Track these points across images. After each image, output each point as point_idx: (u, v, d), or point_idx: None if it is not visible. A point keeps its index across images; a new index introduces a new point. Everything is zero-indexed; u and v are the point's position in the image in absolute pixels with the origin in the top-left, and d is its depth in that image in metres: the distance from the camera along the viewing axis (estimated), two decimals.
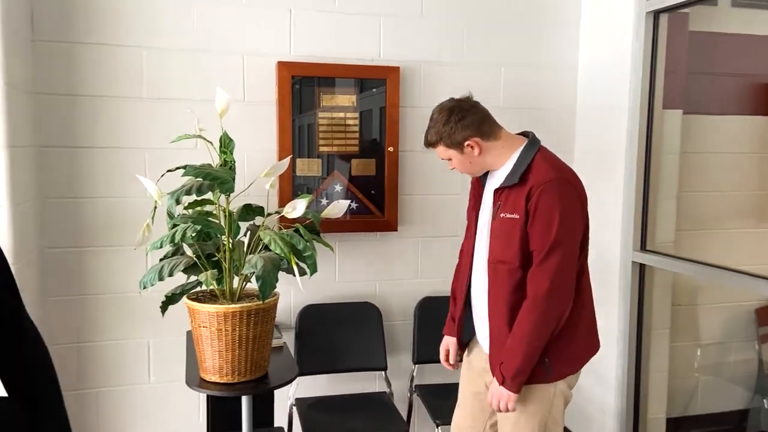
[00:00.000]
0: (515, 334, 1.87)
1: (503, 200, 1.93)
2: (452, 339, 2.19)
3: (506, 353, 1.88)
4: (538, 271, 1.85)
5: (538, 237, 1.85)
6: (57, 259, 2.54)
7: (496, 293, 1.95)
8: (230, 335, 1.99)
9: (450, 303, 2.23)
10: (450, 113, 1.97)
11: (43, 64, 2.45)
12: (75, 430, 2.67)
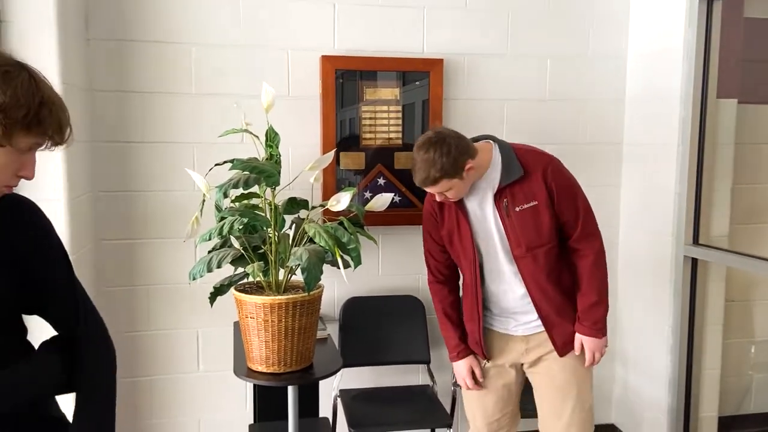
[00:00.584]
0: (593, 290, 2.11)
1: (509, 196, 2.04)
2: (471, 357, 2.21)
3: (591, 309, 2.11)
4: (584, 234, 2.11)
5: (569, 209, 2.08)
6: (110, 251, 2.62)
7: (536, 278, 2.09)
8: (276, 326, 2.02)
9: (449, 329, 2.22)
10: (442, 145, 1.95)
11: (97, 62, 2.53)
12: (129, 416, 2.80)
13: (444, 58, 2.78)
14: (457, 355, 2.22)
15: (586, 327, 2.11)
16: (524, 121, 2.94)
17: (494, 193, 2.04)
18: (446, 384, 2.91)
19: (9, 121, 1.03)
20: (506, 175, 2.03)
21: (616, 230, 3.10)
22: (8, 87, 1.03)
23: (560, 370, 2.14)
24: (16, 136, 1.06)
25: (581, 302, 2.13)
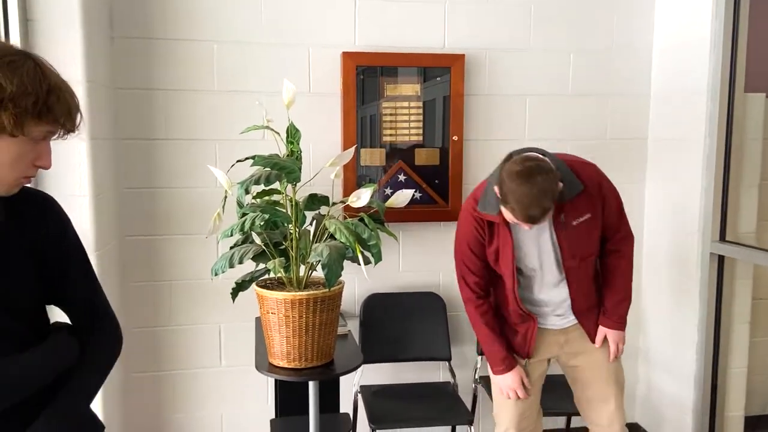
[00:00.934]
0: (623, 287, 2.18)
1: (566, 210, 2.03)
2: (518, 367, 2.18)
3: (619, 305, 2.18)
4: (623, 236, 2.17)
5: (614, 215, 2.13)
6: (134, 247, 2.66)
7: (581, 283, 2.15)
8: (297, 322, 2.03)
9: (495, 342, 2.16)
10: (545, 173, 1.84)
11: (121, 60, 2.56)
12: (153, 410, 2.83)
13: (465, 54, 2.76)
14: (506, 367, 2.16)
15: (612, 321, 2.18)
16: (546, 117, 2.91)
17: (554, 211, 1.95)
18: (467, 381, 2.90)
19: (18, 110, 1.03)
20: (567, 191, 1.96)
21: (640, 227, 3.05)
22: (14, 76, 1.03)
23: (604, 358, 2.21)
24: (27, 125, 1.06)
25: (611, 298, 2.18)
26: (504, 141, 2.88)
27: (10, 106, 1.03)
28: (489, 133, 2.86)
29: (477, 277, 2.17)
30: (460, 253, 2.19)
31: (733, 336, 2.73)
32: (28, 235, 1.22)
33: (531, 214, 1.83)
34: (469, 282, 2.18)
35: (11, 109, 1.03)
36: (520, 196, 1.81)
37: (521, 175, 1.82)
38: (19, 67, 1.05)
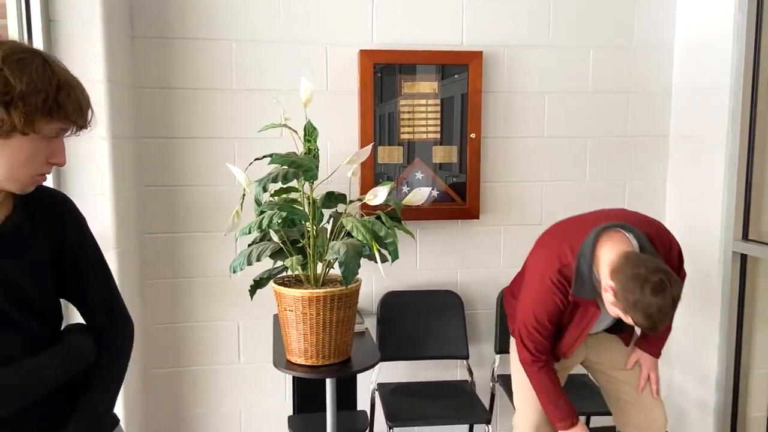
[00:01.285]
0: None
1: None
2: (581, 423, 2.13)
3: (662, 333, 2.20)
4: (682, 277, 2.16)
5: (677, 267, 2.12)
6: (154, 244, 2.69)
7: None
8: (314, 319, 2.04)
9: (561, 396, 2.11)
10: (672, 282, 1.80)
11: (141, 60, 2.59)
12: (173, 406, 2.86)
13: (483, 51, 2.74)
14: (573, 421, 2.09)
15: (651, 345, 2.22)
16: (566, 114, 2.89)
17: None
18: (485, 379, 2.89)
19: (29, 108, 1.04)
20: None
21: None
22: (23, 74, 1.04)
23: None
24: (38, 123, 1.07)
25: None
26: (523, 138, 2.86)
27: (20, 104, 1.03)
28: (508, 131, 2.85)
29: (547, 342, 2.09)
30: (534, 322, 2.06)
31: (756, 336, 2.69)
32: (46, 235, 1.24)
33: (659, 327, 1.82)
34: (537, 347, 2.08)
35: (21, 108, 1.03)
36: (653, 311, 1.76)
37: (655, 290, 1.75)
38: (28, 64, 1.05)
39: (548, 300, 2.01)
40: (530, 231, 2.90)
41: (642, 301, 1.76)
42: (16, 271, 1.17)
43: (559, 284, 1.99)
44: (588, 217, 2.16)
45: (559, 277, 1.98)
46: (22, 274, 1.18)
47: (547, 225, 2.88)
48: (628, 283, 1.78)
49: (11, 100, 1.02)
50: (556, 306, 2.01)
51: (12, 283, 1.16)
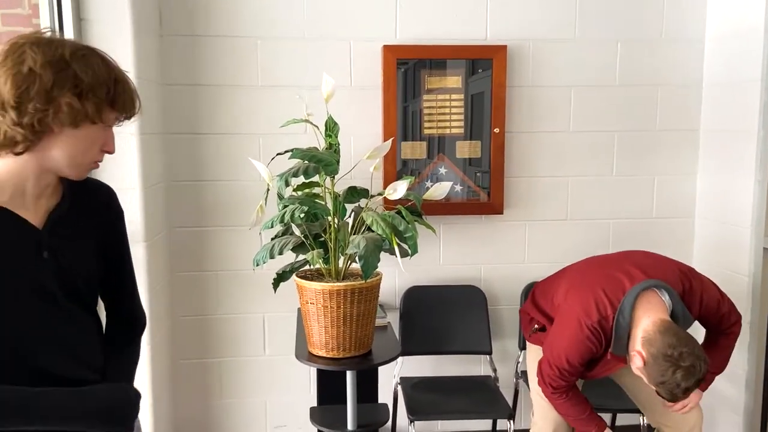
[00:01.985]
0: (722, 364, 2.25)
1: None
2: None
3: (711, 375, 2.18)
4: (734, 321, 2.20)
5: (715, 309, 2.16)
6: (182, 238, 2.75)
7: None
8: (335, 312, 2.07)
9: (587, 407, 2.16)
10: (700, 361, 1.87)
11: (169, 57, 2.64)
12: (200, 396, 2.92)
13: (508, 45, 2.73)
14: (598, 425, 2.14)
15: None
16: (592, 108, 2.85)
17: None
18: (508, 375, 2.88)
19: (97, 99, 1.12)
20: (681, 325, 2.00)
21: (691, 221, 2.96)
22: (89, 68, 1.11)
23: None
24: (105, 113, 1.15)
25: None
26: (548, 133, 2.84)
27: (90, 95, 1.11)
28: (532, 125, 2.83)
29: (573, 380, 2.14)
30: (565, 364, 2.08)
31: None
32: (93, 224, 1.29)
33: (681, 397, 1.91)
34: (562, 385, 2.12)
35: (92, 98, 1.11)
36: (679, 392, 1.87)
37: (685, 374, 1.84)
38: (90, 59, 1.13)
39: (583, 347, 2.04)
40: (555, 227, 2.88)
41: (670, 382, 1.85)
42: (66, 258, 1.21)
43: (597, 334, 2.02)
44: (622, 260, 2.20)
45: (598, 327, 2.02)
46: (71, 262, 1.23)
47: (572, 221, 2.88)
48: (659, 359, 1.86)
49: (82, 92, 1.10)
50: (590, 352, 2.05)
51: (63, 269, 1.21)
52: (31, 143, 1.10)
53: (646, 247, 2.91)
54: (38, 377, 1.18)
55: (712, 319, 2.16)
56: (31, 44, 1.09)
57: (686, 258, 2.97)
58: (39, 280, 1.17)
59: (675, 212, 2.96)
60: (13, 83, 1.06)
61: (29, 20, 2.25)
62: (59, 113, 1.09)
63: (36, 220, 1.18)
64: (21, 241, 1.16)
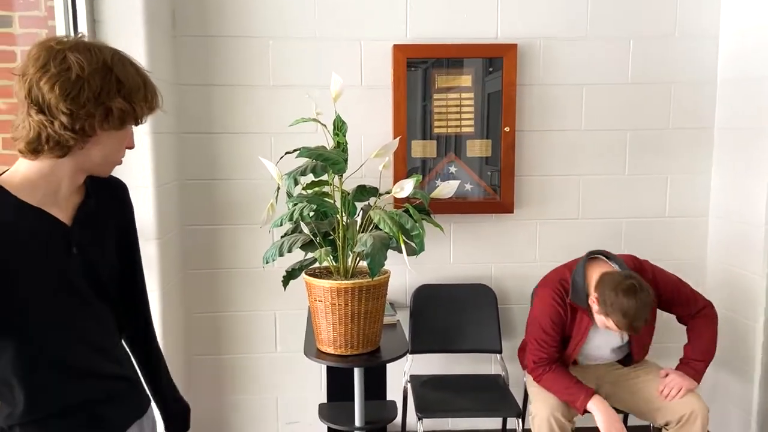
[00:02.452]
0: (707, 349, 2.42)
1: None
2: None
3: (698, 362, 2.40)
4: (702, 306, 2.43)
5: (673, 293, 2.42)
6: (194, 236, 2.79)
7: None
8: (343, 309, 2.08)
9: (572, 378, 2.33)
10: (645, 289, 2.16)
11: (183, 57, 2.68)
12: (214, 392, 2.96)
13: (518, 43, 2.72)
14: (587, 395, 2.25)
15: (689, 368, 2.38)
16: (604, 107, 2.83)
17: None
18: (519, 374, 2.87)
19: (137, 101, 1.17)
20: None
21: (705, 219, 2.93)
22: (127, 72, 1.15)
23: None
24: (143, 113, 1.20)
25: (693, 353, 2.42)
26: (559, 132, 2.83)
27: (133, 97, 1.16)
28: (543, 124, 2.82)
29: (552, 349, 2.35)
30: (541, 333, 2.35)
31: None
32: (114, 219, 1.33)
33: (635, 326, 2.15)
34: (542, 357, 2.34)
35: (134, 100, 1.16)
36: (627, 309, 2.11)
37: (626, 292, 2.12)
38: (126, 64, 1.17)
39: (551, 308, 2.34)
40: (567, 226, 2.87)
41: (617, 303, 2.12)
42: (92, 254, 1.25)
43: (558, 293, 2.35)
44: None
45: (559, 287, 2.36)
46: (97, 258, 1.26)
47: (584, 220, 2.88)
48: (604, 292, 2.17)
49: (126, 95, 1.14)
50: (557, 312, 2.33)
51: (90, 265, 1.24)
52: (77, 146, 1.14)
53: (659, 246, 2.90)
54: (69, 372, 1.22)
55: (677, 301, 2.39)
56: (71, 50, 1.11)
57: (700, 257, 2.95)
58: (68, 276, 1.20)
59: (688, 211, 2.93)
60: (61, 89, 1.08)
61: (45, 22, 2.31)
62: (109, 116, 1.13)
63: (65, 217, 1.21)
64: (52, 239, 1.18)
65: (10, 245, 1.12)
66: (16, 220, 1.13)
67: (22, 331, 1.16)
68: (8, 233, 1.12)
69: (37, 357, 1.18)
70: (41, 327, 1.17)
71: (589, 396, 2.24)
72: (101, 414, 1.27)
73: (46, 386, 1.19)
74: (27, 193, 1.15)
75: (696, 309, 2.39)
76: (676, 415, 2.25)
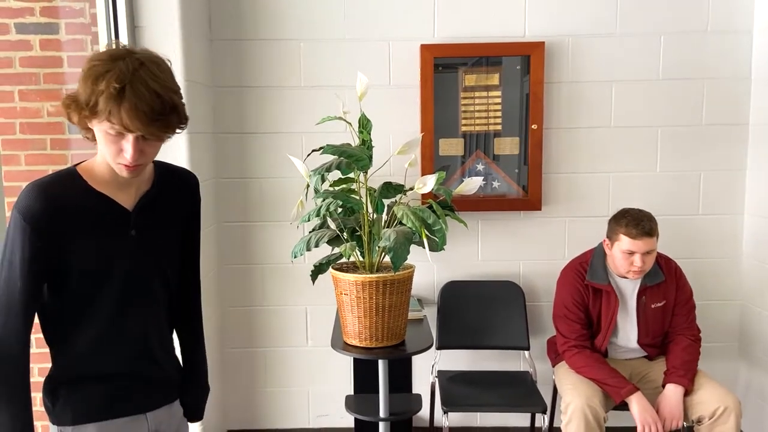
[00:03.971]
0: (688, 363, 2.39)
1: (648, 294, 2.42)
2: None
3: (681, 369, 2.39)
4: (691, 323, 2.48)
5: (684, 306, 2.47)
6: (230, 232, 2.89)
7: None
8: (368, 303, 2.14)
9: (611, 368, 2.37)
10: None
11: (219, 61, 2.79)
12: (247, 384, 3.05)
13: (546, 41, 2.73)
14: (631, 389, 2.28)
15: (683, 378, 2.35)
16: (635, 103, 2.82)
17: (637, 291, 2.42)
18: (548, 372, 2.87)
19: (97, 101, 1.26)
20: (649, 277, 2.41)
21: (741, 217, 2.88)
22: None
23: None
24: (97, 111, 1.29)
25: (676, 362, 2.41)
26: (587, 129, 2.82)
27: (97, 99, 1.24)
28: (571, 121, 2.82)
29: (577, 326, 2.44)
30: (563, 309, 2.47)
31: None
32: (180, 212, 1.45)
33: (645, 226, 2.29)
34: (570, 331, 2.44)
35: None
36: (631, 215, 2.33)
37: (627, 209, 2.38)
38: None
39: (570, 286, 2.47)
40: (597, 223, 2.85)
41: (621, 219, 2.35)
42: (152, 239, 1.37)
43: (577, 273, 2.48)
44: None
45: (578, 267, 2.50)
46: (158, 244, 1.39)
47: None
48: (610, 223, 2.41)
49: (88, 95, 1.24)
50: (576, 290, 2.46)
51: (150, 251, 1.37)
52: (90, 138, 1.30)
53: (693, 243, 2.86)
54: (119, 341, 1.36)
55: (679, 311, 2.46)
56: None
57: (736, 256, 2.89)
58: (125, 255, 1.33)
59: (723, 209, 2.88)
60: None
61: (89, 28, 2.44)
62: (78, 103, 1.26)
63: (128, 203, 1.34)
64: (113, 220, 1.33)
65: (75, 223, 1.27)
66: (82, 202, 1.29)
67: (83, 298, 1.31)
68: (74, 213, 1.27)
69: (94, 323, 1.32)
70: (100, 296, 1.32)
71: (632, 391, 2.27)
72: (139, 388, 1.39)
73: (97, 351, 1.33)
74: (96, 180, 1.32)
75: (690, 330, 2.45)
76: (709, 410, 2.23)
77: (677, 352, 2.39)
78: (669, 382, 2.32)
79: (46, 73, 2.49)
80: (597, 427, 2.24)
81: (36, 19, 2.47)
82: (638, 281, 2.42)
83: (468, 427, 3.00)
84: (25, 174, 2.51)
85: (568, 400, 2.30)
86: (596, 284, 2.42)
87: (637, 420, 2.23)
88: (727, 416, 2.20)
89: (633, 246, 2.30)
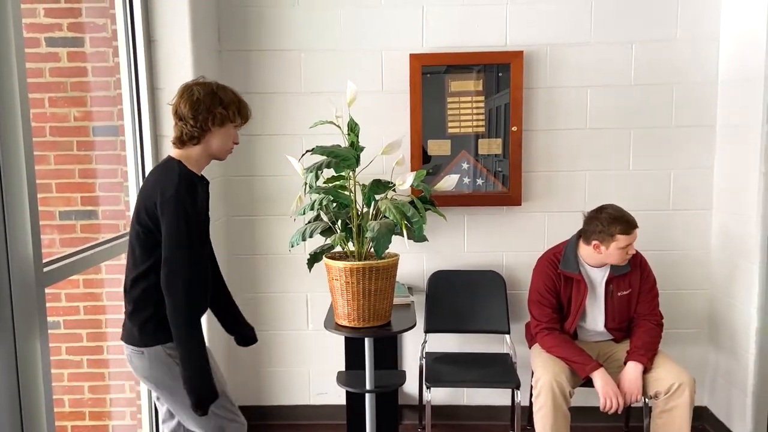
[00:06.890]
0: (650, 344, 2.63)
1: (615, 283, 2.66)
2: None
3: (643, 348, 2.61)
4: (653, 310, 2.70)
5: (648, 294, 2.70)
6: (238, 225, 3.18)
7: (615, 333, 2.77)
8: (355, 287, 2.40)
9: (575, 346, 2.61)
10: None
11: (227, 70, 3.07)
12: (253, 364, 3.33)
13: (525, 50, 2.97)
14: (595, 366, 2.51)
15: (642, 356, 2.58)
16: (609, 107, 3.04)
17: (605, 280, 2.65)
18: (526, 354, 3.10)
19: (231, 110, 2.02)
20: (616, 268, 2.64)
21: (709, 212, 3.08)
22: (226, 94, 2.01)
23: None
24: (236, 118, 2.05)
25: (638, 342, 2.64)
26: (564, 131, 3.05)
27: (228, 108, 1.99)
28: (549, 124, 3.05)
29: (548, 310, 2.67)
30: (536, 295, 2.71)
31: None
32: (207, 202, 2.06)
33: (632, 221, 2.53)
34: (541, 315, 2.68)
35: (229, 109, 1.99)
36: (619, 213, 2.55)
37: (605, 206, 2.61)
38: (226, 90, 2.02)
39: (543, 274, 2.70)
40: (574, 217, 3.08)
41: (609, 218, 2.53)
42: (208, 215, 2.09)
43: (551, 262, 2.71)
44: None
45: (552, 257, 2.72)
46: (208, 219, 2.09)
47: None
48: (596, 224, 2.57)
49: (224, 106, 1.97)
50: (549, 278, 2.69)
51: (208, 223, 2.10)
52: (202, 137, 1.95)
53: (664, 237, 3.07)
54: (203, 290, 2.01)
55: (644, 298, 2.68)
56: (196, 85, 1.95)
57: (704, 252, 3.10)
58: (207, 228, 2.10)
59: (692, 205, 3.09)
60: (189, 106, 1.91)
61: (110, 42, 2.73)
62: (215, 118, 1.94)
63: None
64: (207, 200, 2.05)
65: (199, 205, 1.92)
66: (199, 189, 1.95)
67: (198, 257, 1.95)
68: (199, 198, 1.93)
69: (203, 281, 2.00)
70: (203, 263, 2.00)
71: (596, 367, 2.51)
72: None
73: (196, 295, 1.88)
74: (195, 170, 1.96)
75: (653, 316, 2.67)
76: (665, 385, 2.45)
77: (639, 335, 2.62)
78: (630, 360, 2.54)
79: (73, 82, 2.79)
80: (563, 401, 2.48)
81: (64, 34, 2.77)
82: (606, 271, 2.65)
83: (455, 405, 3.25)
84: (54, 172, 2.81)
85: (538, 375, 2.55)
86: (568, 273, 2.66)
87: (600, 393, 2.47)
88: (681, 391, 2.42)
89: (629, 240, 2.54)
